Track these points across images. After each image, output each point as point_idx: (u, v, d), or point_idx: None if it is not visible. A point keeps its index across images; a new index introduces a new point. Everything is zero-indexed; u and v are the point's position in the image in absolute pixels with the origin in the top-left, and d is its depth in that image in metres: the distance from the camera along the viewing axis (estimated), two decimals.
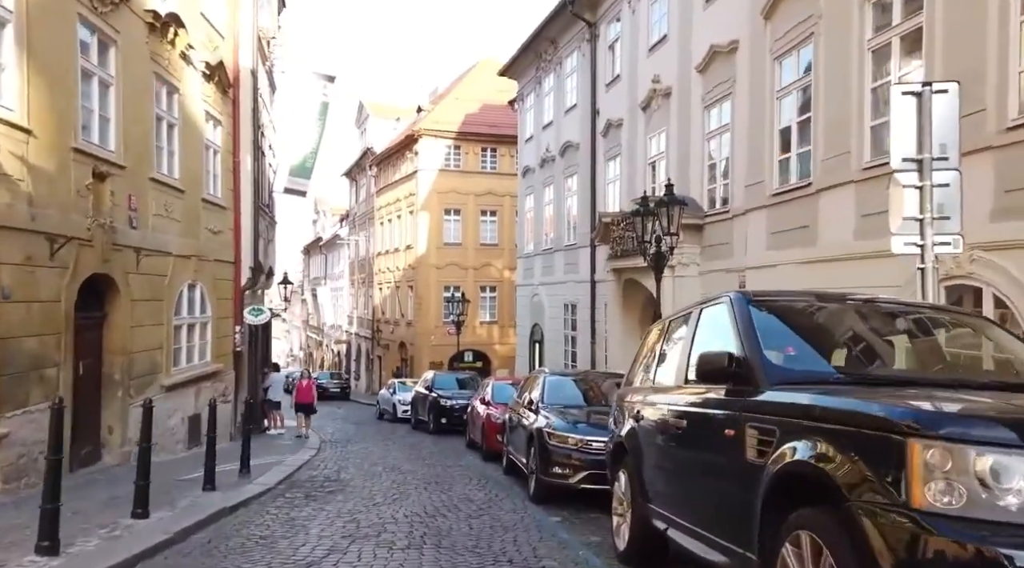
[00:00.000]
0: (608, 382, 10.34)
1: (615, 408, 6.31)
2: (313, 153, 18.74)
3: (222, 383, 14.91)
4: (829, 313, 4.43)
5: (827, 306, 4.51)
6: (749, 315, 3.98)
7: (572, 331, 22.23)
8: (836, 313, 4.40)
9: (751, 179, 12.31)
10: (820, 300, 4.59)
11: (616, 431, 5.92)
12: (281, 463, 12.15)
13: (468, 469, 11.92)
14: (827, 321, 4.37)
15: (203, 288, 13.82)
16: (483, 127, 37.19)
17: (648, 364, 5.71)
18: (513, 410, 10.92)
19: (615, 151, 19.44)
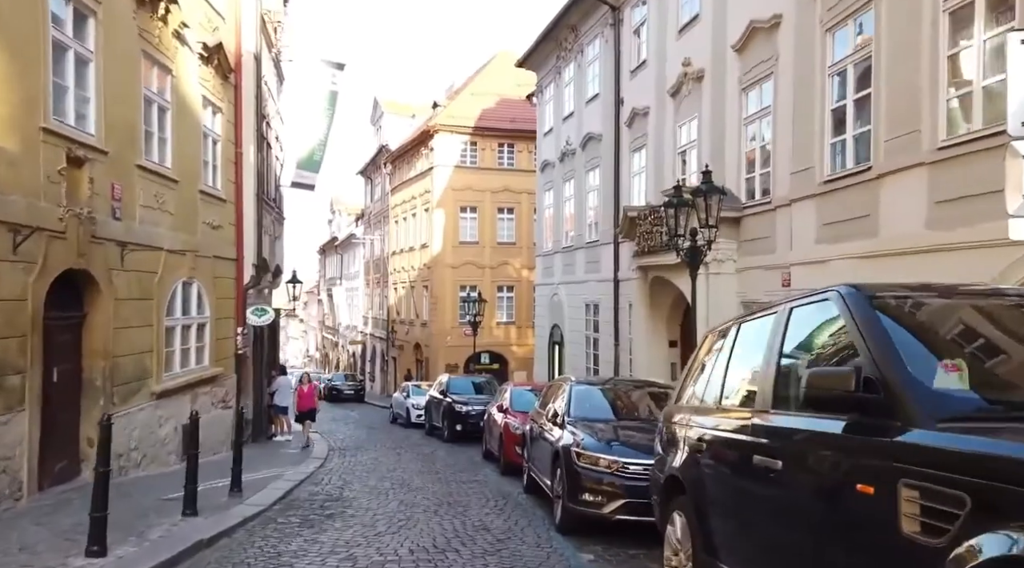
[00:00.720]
0: (639, 392, 9.24)
1: (662, 430, 5.20)
2: (322, 145, 17.76)
3: (222, 388, 13.94)
4: (975, 312, 3.21)
5: (963, 303, 3.31)
6: (876, 318, 2.84)
7: (594, 333, 21.10)
8: (987, 312, 3.18)
9: (798, 165, 11.12)
10: (946, 295, 3.38)
11: (666, 459, 4.81)
12: (280, 477, 11.14)
13: (485, 486, 10.83)
14: (976, 324, 3.16)
15: (200, 286, 12.85)
16: (500, 122, 36.11)
17: (709, 378, 4.59)
18: (534, 421, 9.82)
19: (640, 142, 18.29)
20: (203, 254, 12.90)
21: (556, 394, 9.18)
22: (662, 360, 16.72)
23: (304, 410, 16.62)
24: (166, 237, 11.27)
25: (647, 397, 8.89)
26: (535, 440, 9.43)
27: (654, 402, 8.63)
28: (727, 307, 13.49)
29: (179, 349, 12.01)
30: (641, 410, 8.60)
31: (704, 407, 4.42)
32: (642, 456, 6.69)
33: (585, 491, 6.79)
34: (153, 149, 11.03)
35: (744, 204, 13.23)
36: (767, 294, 12.32)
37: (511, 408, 13.23)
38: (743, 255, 13.33)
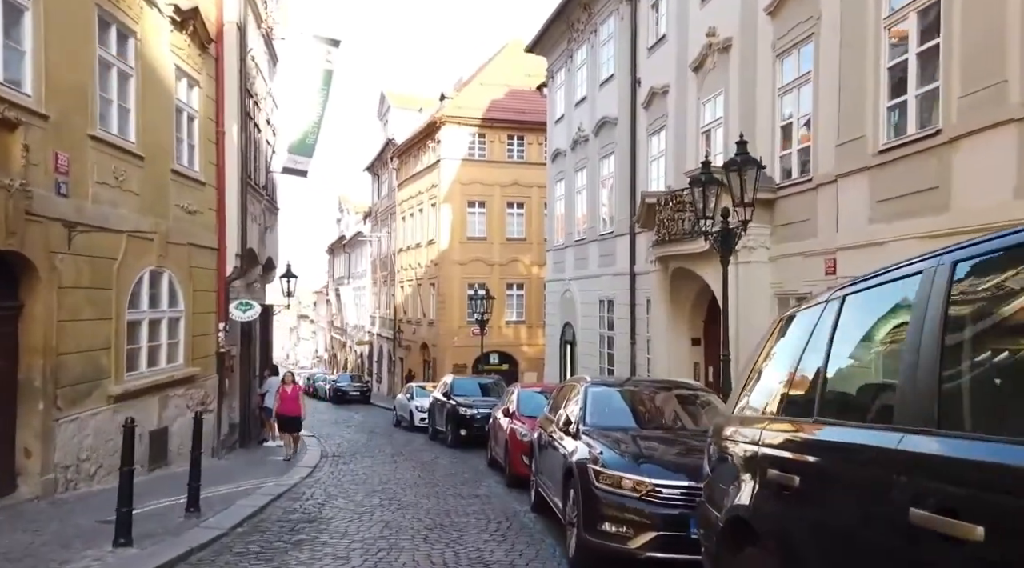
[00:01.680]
0: (668, 395, 7.81)
1: (712, 448, 3.83)
2: (315, 127, 16.48)
3: (200, 390, 12.65)
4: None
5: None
6: None
7: (608, 330, 19.74)
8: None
9: (845, 136, 9.70)
10: None
11: (721, 488, 3.43)
12: (256, 490, 9.81)
13: (487, 503, 9.47)
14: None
15: (173, 276, 11.56)
16: (509, 113, 34.77)
17: (793, 377, 3.18)
18: (543, 428, 8.46)
19: (660, 123, 16.90)
20: (176, 241, 11.61)
21: (569, 397, 7.80)
22: (684, 359, 15.32)
23: (286, 416, 13.99)
24: (128, 219, 9.98)
25: (678, 401, 7.50)
26: (544, 450, 8.07)
27: (687, 407, 7.26)
28: (760, 300, 12.11)
29: (146, 346, 10.72)
30: (672, 417, 7.21)
31: (787, 420, 3.03)
32: (677, 476, 5.32)
33: (606, 520, 5.41)
34: (111, 119, 9.74)
35: (779, 184, 11.81)
36: (807, 285, 10.93)
37: (518, 412, 11.88)
38: (778, 241, 11.92)
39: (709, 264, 13.21)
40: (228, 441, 14.62)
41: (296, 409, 13.59)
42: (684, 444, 6.09)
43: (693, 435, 6.37)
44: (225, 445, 14.28)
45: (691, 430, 6.73)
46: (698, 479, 5.08)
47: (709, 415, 7.00)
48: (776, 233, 11.97)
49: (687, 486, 5.15)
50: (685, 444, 6.05)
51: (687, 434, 6.56)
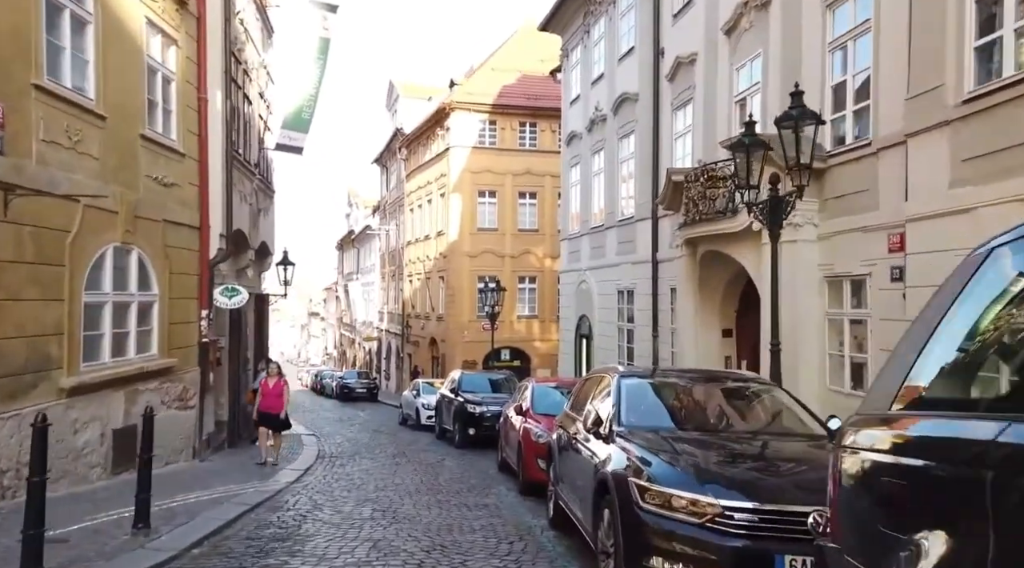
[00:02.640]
0: (717, 389, 6.37)
1: (841, 464, 2.45)
2: (311, 100, 15.17)
3: (178, 384, 11.36)
4: None
5: None
6: None
7: (628, 323, 18.36)
8: None
9: (919, 87, 8.26)
10: None
11: (882, 538, 2.05)
12: (232, 499, 8.51)
13: (497, 515, 8.11)
14: None
15: (143, 255, 10.26)
16: (521, 99, 33.37)
17: None
18: (563, 428, 7.09)
19: (686, 96, 15.49)
20: (148, 216, 10.32)
21: (595, 392, 6.42)
22: (713, 353, 13.91)
23: (267, 414, 11.91)
24: (86, 187, 8.68)
25: (734, 396, 6.09)
26: (565, 454, 6.71)
27: (747, 404, 5.87)
28: (805, 284, 10.69)
29: (109, 333, 9.42)
30: (729, 416, 5.80)
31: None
32: (755, 496, 3.94)
33: (654, 553, 4.03)
34: (63, 70, 8.44)
35: (829, 152, 10.38)
36: (864, 265, 9.54)
37: (533, 410, 10.53)
38: (828, 217, 10.50)
39: (746, 245, 11.82)
40: (214, 440, 13.34)
41: (278, 406, 11.86)
42: (756, 452, 4.73)
43: (767, 440, 5.00)
44: (211, 445, 13.01)
45: (760, 433, 5.33)
46: (793, 501, 3.71)
47: (777, 414, 5.62)
48: (826, 208, 10.55)
49: (772, 511, 3.79)
50: (757, 452, 4.70)
51: (755, 438, 5.16)
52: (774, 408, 5.72)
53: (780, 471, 4.41)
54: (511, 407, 11.75)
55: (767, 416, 5.67)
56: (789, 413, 5.60)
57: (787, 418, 5.56)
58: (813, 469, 4.16)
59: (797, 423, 5.46)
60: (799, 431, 5.32)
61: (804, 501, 3.76)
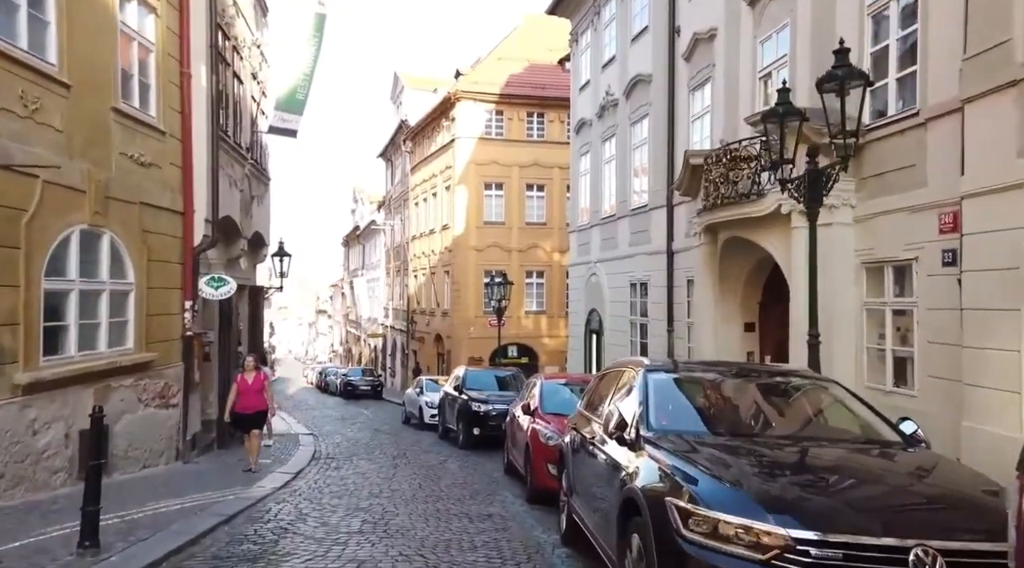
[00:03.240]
0: (761, 385, 5.40)
1: None
2: (306, 80, 14.29)
3: (158, 380, 10.51)
4: None
5: None
6: None
7: (640, 317, 17.46)
8: None
9: (979, 45, 7.30)
10: None
11: None
12: (207, 509, 7.64)
13: (502, 528, 7.22)
14: None
15: (116, 240, 9.40)
16: (529, 88, 32.41)
17: None
18: (578, 429, 6.18)
19: (704, 75, 14.56)
20: (122, 197, 9.46)
21: (616, 389, 5.50)
22: (735, 348, 12.98)
23: (244, 414, 10.50)
24: (43, 160, 7.81)
25: (782, 394, 5.13)
26: (580, 460, 5.81)
27: (799, 404, 4.92)
28: (841, 271, 9.75)
29: (75, 324, 8.56)
30: (780, 418, 4.84)
31: None
32: (835, 527, 3.01)
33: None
34: (18, 29, 7.57)
35: (867, 125, 9.41)
36: (910, 248, 8.59)
37: (541, 409, 9.62)
38: (867, 197, 9.55)
39: (773, 230, 10.88)
40: (201, 441, 12.49)
41: (258, 403, 10.46)
42: (825, 465, 3.80)
43: (833, 449, 4.07)
44: (196, 446, 12.16)
45: (822, 439, 4.37)
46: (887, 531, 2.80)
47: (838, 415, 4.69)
48: (864, 187, 9.60)
49: (860, 545, 2.88)
50: (826, 465, 3.78)
51: (817, 445, 4.21)
52: (833, 408, 4.79)
53: (861, 491, 3.49)
54: (518, 406, 10.86)
55: (826, 418, 4.74)
56: (851, 414, 4.68)
57: (850, 420, 4.63)
58: (903, 488, 3.26)
59: (863, 427, 4.54)
60: (868, 437, 4.40)
61: (902, 532, 2.87)
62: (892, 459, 3.97)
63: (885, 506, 3.21)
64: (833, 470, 3.68)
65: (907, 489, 3.51)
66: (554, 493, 7.90)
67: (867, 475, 3.70)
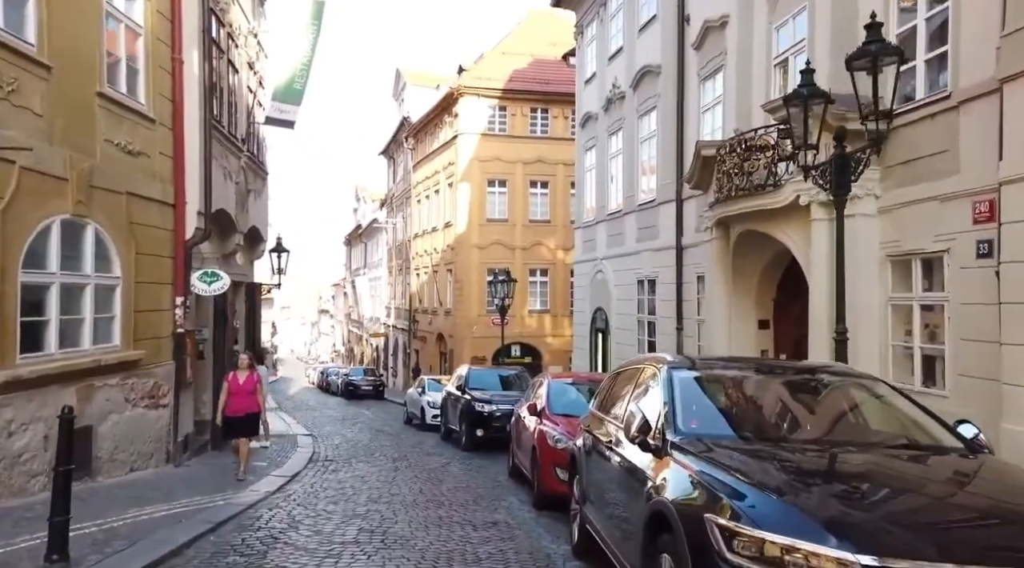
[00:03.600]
0: (797, 384, 4.85)
1: None
2: (304, 69, 13.83)
3: (147, 379, 10.04)
4: None
5: None
6: None
7: (648, 315, 16.98)
8: None
9: (1016, 23, 6.81)
10: None
11: None
12: (195, 516, 7.17)
13: (508, 537, 6.75)
14: None
15: (102, 231, 8.94)
16: (533, 84, 31.93)
17: None
18: (591, 432, 5.70)
19: (716, 64, 14.08)
20: (108, 186, 8.99)
21: (634, 387, 5.01)
22: (748, 345, 12.48)
23: (234, 417, 9.80)
24: (17, 143, 7.34)
25: (830, 394, 4.55)
26: (595, 465, 5.34)
27: (849, 403, 4.40)
28: (866, 264, 9.25)
29: (56, 319, 8.08)
30: (831, 421, 4.28)
31: None
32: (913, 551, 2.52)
33: None
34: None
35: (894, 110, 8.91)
36: (940, 240, 8.08)
37: (549, 410, 9.14)
38: (893, 187, 9.06)
39: (791, 222, 10.39)
40: (194, 443, 12.03)
41: (250, 405, 9.75)
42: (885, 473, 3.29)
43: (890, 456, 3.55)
44: (189, 448, 11.69)
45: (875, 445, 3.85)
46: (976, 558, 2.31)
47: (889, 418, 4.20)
48: (890, 176, 9.11)
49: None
50: (887, 473, 3.27)
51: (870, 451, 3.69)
52: (879, 409, 4.29)
53: (932, 505, 3.00)
54: (524, 406, 10.37)
55: (871, 421, 4.25)
56: (901, 416, 4.18)
57: (900, 423, 4.14)
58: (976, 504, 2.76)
59: (916, 430, 4.04)
60: (922, 442, 3.91)
61: (997, 560, 2.37)
62: (958, 468, 3.48)
63: (966, 525, 2.72)
64: (896, 480, 3.19)
65: (983, 505, 3.02)
66: (563, 498, 7.43)
67: (938, 488, 3.21)
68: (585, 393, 9.83)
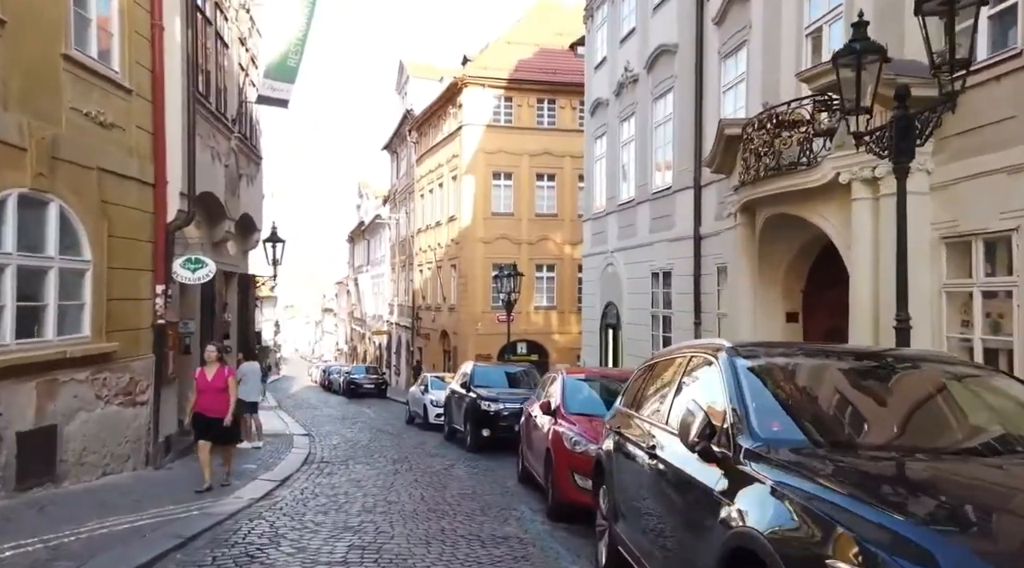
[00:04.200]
0: (883, 372, 3.87)
1: None
2: (298, 45, 12.94)
3: (122, 374, 9.15)
4: None
5: None
6: None
7: (664, 309, 16.07)
8: None
9: None
10: None
11: None
12: (163, 528, 6.28)
13: (521, 556, 5.84)
14: None
15: (67, 210, 8.05)
16: (539, 74, 30.99)
17: None
18: (622, 433, 4.79)
19: (738, 39, 13.16)
20: (74, 159, 8.11)
21: (679, 380, 4.09)
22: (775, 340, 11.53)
23: (205, 417, 8.39)
24: None
25: (935, 388, 3.54)
26: (627, 472, 4.46)
27: (963, 399, 3.46)
28: (914, 248, 8.24)
29: (12, 306, 7.19)
30: (948, 422, 3.26)
31: None
32: None
33: None
34: None
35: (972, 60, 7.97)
36: (1008, 217, 7.16)
37: (564, 408, 8.22)
38: (948, 161, 8.12)
39: (829, 203, 9.46)
40: (177, 443, 11.14)
41: (219, 405, 8.31)
42: None
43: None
44: (171, 449, 10.81)
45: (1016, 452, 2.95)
46: None
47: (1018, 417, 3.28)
48: (944, 148, 8.17)
49: None
50: None
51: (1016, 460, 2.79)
52: (1006, 408, 3.37)
53: None
54: (535, 405, 9.46)
55: (1003, 422, 3.32)
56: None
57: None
58: None
59: None
60: None
61: None
62: None
63: None
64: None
65: None
66: (582, 509, 6.55)
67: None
68: (603, 390, 8.94)
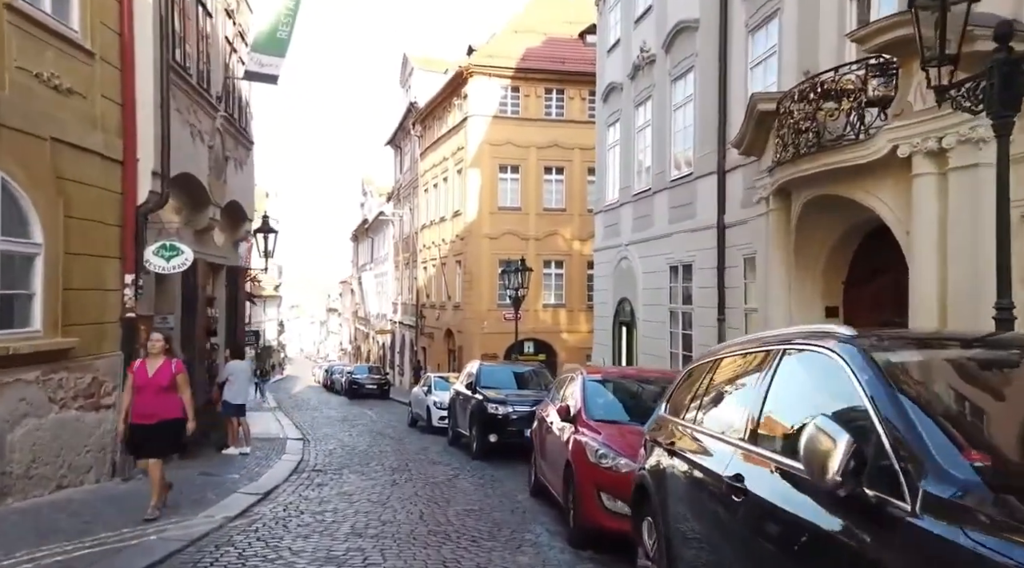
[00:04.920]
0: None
1: None
2: (289, 16, 11.87)
3: (81, 374, 8.08)
4: None
5: None
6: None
7: (683, 305, 14.97)
8: None
9: None
10: None
11: None
12: (105, 560, 5.19)
13: None
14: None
15: (11, 184, 6.98)
16: (547, 63, 29.85)
17: None
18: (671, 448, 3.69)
19: (769, 9, 12.08)
20: (20, 127, 7.03)
21: (763, 383, 3.01)
22: None
23: (142, 425, 6.62)
24: None
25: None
26: (689, 501, 3.35)
27: None
28: (982, 229, 7.15)
29: None
30: None
31: None
32: None
33: None
34: None
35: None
36: None
37: (585, 414, 7.09)
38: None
39: (884, 181, 8.34)
40: None
41: (160, 409, 6.58)
42: None
43: None
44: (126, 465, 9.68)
45: None
46: None
47: None
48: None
49: None
50: None
51: None
52: None
53: None
54: (550, 409, 8.35)
55: None
56: None
57: None
58: None
59: None
60: None
61: None
62: None
63: None
64: None
65: None
66: (612, 536, 5.47)
67: None
68: (628, 392, 7.84)
